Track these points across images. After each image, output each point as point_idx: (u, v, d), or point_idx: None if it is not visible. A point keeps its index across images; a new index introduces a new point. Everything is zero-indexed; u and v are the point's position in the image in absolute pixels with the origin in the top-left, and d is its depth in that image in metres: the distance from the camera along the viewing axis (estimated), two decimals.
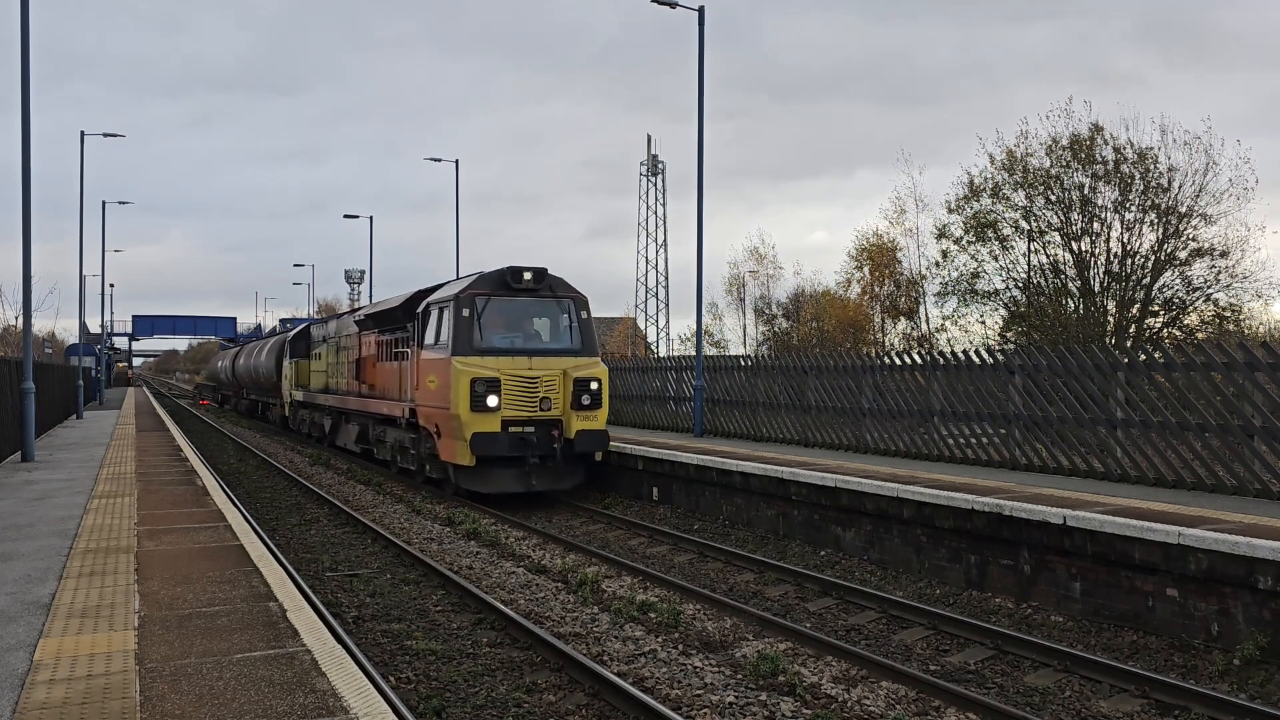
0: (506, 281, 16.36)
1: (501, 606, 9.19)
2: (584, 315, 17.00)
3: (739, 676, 7.48)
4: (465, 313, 15.98)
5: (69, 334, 78.82)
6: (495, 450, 15.41)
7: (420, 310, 17.52)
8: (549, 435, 15.89)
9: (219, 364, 58.70)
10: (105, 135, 35.29)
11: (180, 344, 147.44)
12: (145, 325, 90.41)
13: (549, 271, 16.87)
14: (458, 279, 18.74)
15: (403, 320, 18.79)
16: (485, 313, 16.15)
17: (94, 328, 70.18)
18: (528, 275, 16.41)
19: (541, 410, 15.95)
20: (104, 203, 46.99)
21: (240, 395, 47.87)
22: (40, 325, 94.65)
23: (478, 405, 15.34)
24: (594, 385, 16.23)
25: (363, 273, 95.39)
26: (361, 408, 21.60)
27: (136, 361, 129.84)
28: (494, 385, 15.49)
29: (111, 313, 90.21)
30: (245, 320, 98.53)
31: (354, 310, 24.66)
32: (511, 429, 15.65)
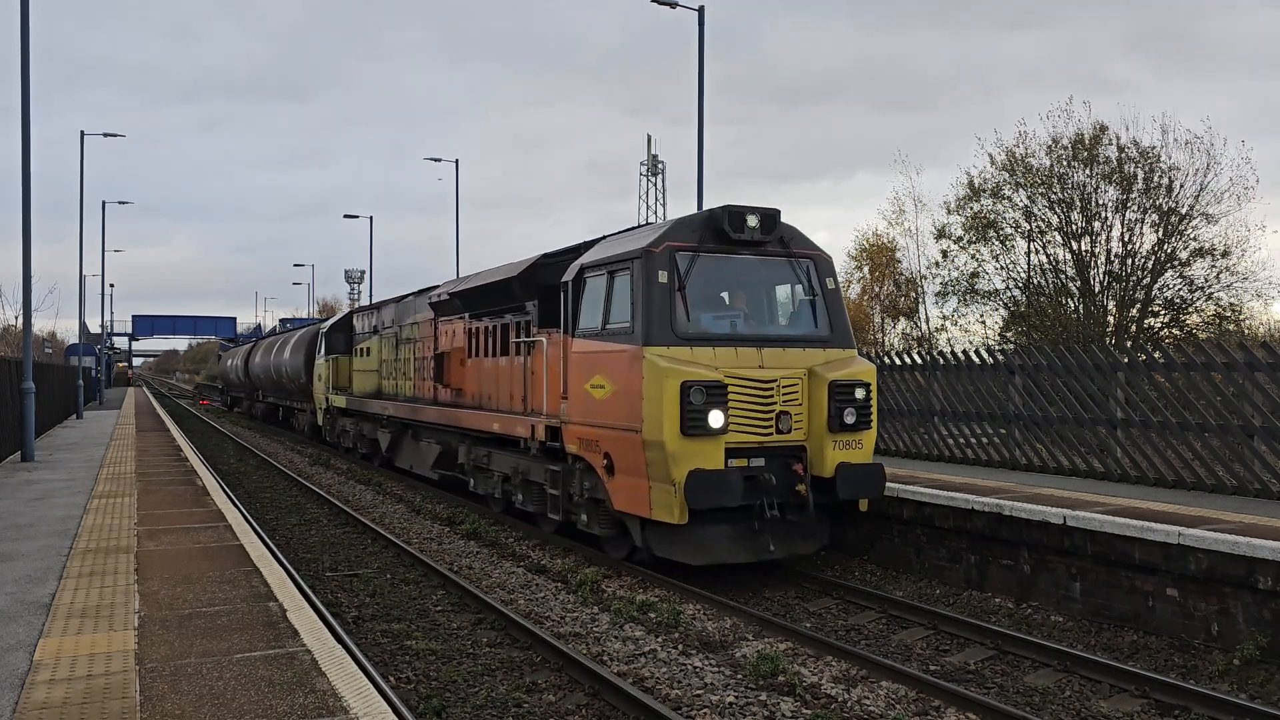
0: (722, 230, 10.49)
1: (501, 607, 9.19)
2: (830, 285, 11.10)
3: (739, 676, 7.48)
4: (662, 277, 10.12)
5: (69, 334, 78.87)
6: (723, 498, 9.51)
7: (571, 279, 11.41)
8: (789, 472, 10.19)
9: (228, 362, 51.84)
10: (105, 135, 35.38)
11: (180, 344, 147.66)
12: (145, 325, 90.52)
13: (781, 218, 10.86)
14: (635, 229, 11.85)
15: (520, 297, 13.05)
16: (692, 276, 10.36)
17: (94, 328, 70.18)
18: (752, 221, 10.57)
19: (779, 432, 10.18)
20: (104, 203, 47.13)
21: (255, 398, 41.83)
22: (40, 325, 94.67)
23: (694, 426, 9.49)
24: (860, 393, 10.38)
25: (363, 272, 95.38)
26: (446, 420, 15.73)
27: (136, 361, 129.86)
28: (718, 393, 9.65)
29: (111, 313, 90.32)
30: (245, 320, 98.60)
31: (426, 291, 18.17)
32: (735, 461, 9.93)
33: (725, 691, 7.16)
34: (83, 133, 33.64)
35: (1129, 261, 30.64)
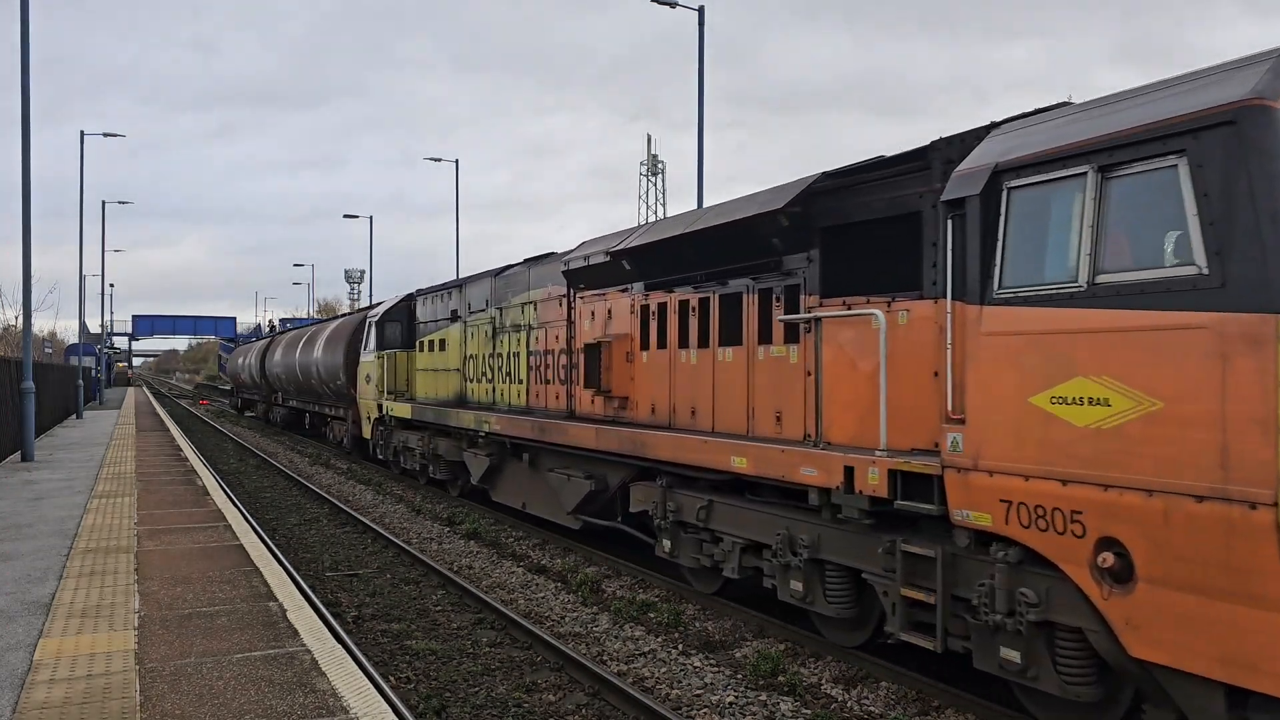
0: None
1: (501, 606, 9.19)
2: None
3: (739, 676, 7.47)
4: None
5: (69, 334, 78.96)
6: None
7: (974, 193, 6.09)
8: None
9: (240, 361, 45.43)
10: (105, 135, 35.45)
11: (180, 344, 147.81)
12: (145, 325, 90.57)
13: None
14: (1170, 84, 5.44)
15: (779, 247, 8.26)
16: None
17: (94, 328, 70.21)
18: None
19: None
20: (104, 202, 47.28)
21: (274, 401, 36.53)
22: (40, 325, 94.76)
23: None
24: None
25: (363, 273, 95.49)
26: (608, 446, 10.42)
27: (136, 361, 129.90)
28: None
29: (111, 312, 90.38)
30: (245, 320, 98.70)
31: (542, 258, 13.64)
32: None
33: (725, 691, 7.16)
34: (82, 133, 33.78)
35: None
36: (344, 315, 28.97)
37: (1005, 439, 5.82)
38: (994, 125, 6.67)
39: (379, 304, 21.96)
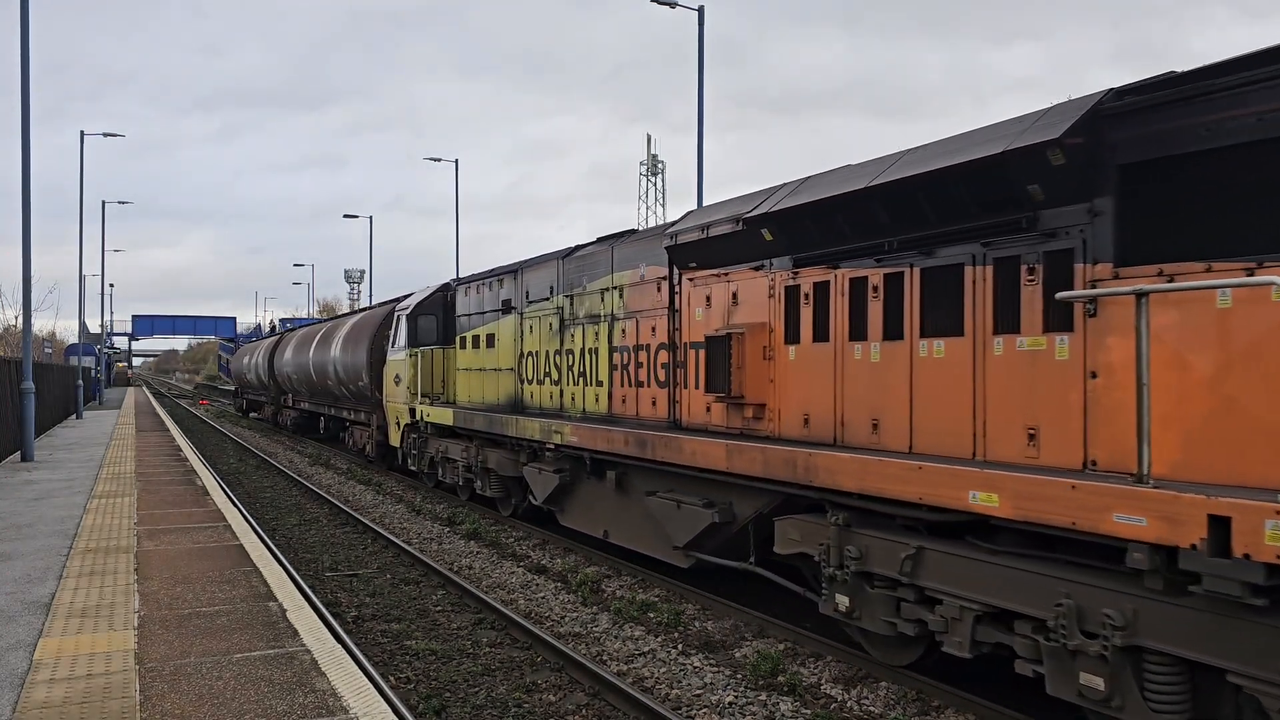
0: None
1: (501, 607, 9.19)
2: None
3: (739, 676, 7.47)
4: None
5: (69, 334, 79.00)
6: None
7: None
8: None
9: (246, 360, 42.43)
10: (105, 135, 35.47)
11: (180, 344, 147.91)
12: (145, 325, 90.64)
13: None
14: None
15: (1029, 199, 6.09)
16: None
17: (94, 328, 70.25)
18: None
19: None
20: (104, 202, 47.36)
21: (282, 403, 34.31)
22: (40, 325, 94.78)
23: None
24: None
25: (363, 272, 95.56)
26: (748, 468, 8.14)
27: (136, 361, 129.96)
28: None
29: (111, 312, 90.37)
30: (245, 320, 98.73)
31: (624, 235, 11.71)
32: None
33: (725, 691, 7.16)
34: (82, 133, 33.82)
35: None
36: (364, 309, 25.51)
37: None
38: None
39: (407, 296, 19.34)
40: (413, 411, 17.23)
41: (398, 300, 20.40)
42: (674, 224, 10.04)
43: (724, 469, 8.32)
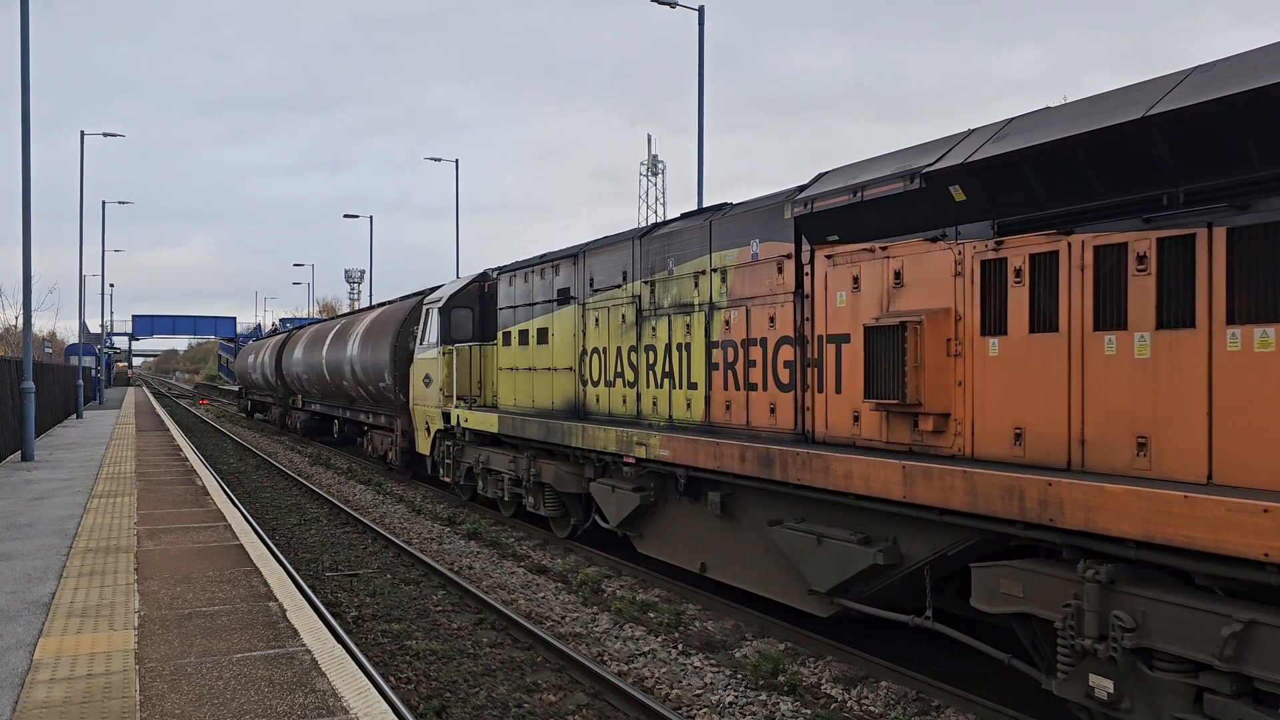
0: None
1: (502, 607, 9.18)
2: None
3: (739, 676, 7.47)
4: None
5: (69, 334, 79.01)
6: None
7: None
8: None
9: (251, 359, 40.34)
10: (105, 135, 35.48)
11: (180, 344, 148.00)
12: (145, 325, 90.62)
13: None
14: None
15: None
16: None
17: (94, 327, 70.26)
18: None
19: None
20: (104, 202, 47.37)
21: (291, 405, 32.31)
22: (40, 325, 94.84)
23: None
24: None
25: (363, 272, 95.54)
26: (987, 506, 5.75)
27: (136, 361, 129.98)
28: None
29: (111, 312, 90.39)
30: (245, 320, 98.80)
31: (718, 208, 9.52)
32: None
33: (725, 691, 7.15)
34: (82, 133, 33.85)
35: None
36: (385, 303, 23.16)
37: None
38: None
39: (437, 287, 17.51)
40: (446, 416, 15.40)
41: (425, 293, 18.43)
42: (804, 188, 7.97)
43: (899, 498, 6.36)
